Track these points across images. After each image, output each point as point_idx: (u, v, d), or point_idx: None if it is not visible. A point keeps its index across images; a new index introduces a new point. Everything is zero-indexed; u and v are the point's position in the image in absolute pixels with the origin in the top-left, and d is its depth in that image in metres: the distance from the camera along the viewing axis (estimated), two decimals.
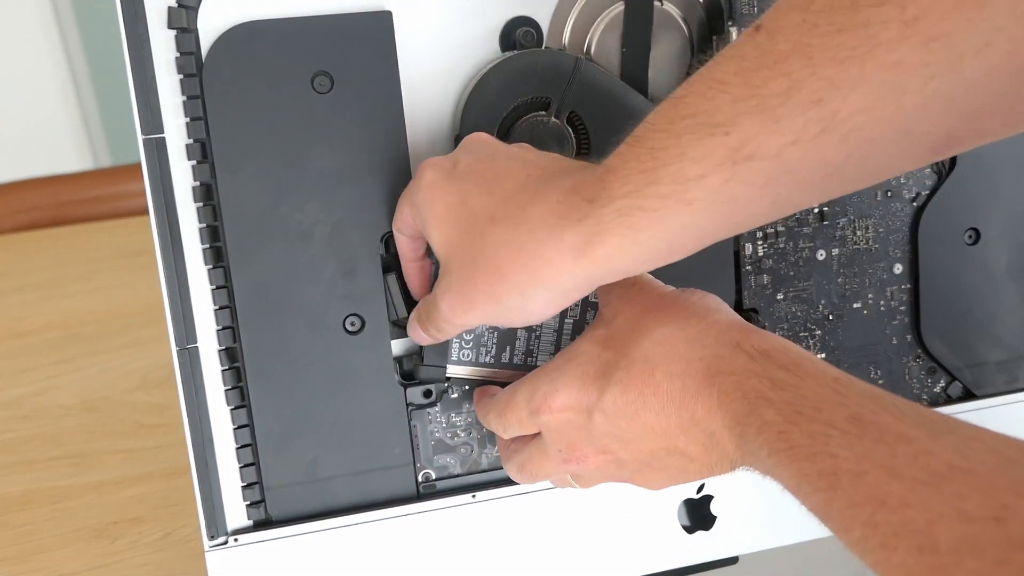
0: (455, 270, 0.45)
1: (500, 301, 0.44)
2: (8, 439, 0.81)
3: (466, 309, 0.45)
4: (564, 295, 0.44)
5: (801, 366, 0.39)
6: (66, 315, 0.99)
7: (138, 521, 0.71)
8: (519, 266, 0.43)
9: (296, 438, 0.52)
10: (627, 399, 0.44)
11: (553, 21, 0.53)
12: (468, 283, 0.45)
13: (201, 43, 0.49)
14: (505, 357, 0.51)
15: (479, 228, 0.44)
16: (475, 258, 0.44)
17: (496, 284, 0.44)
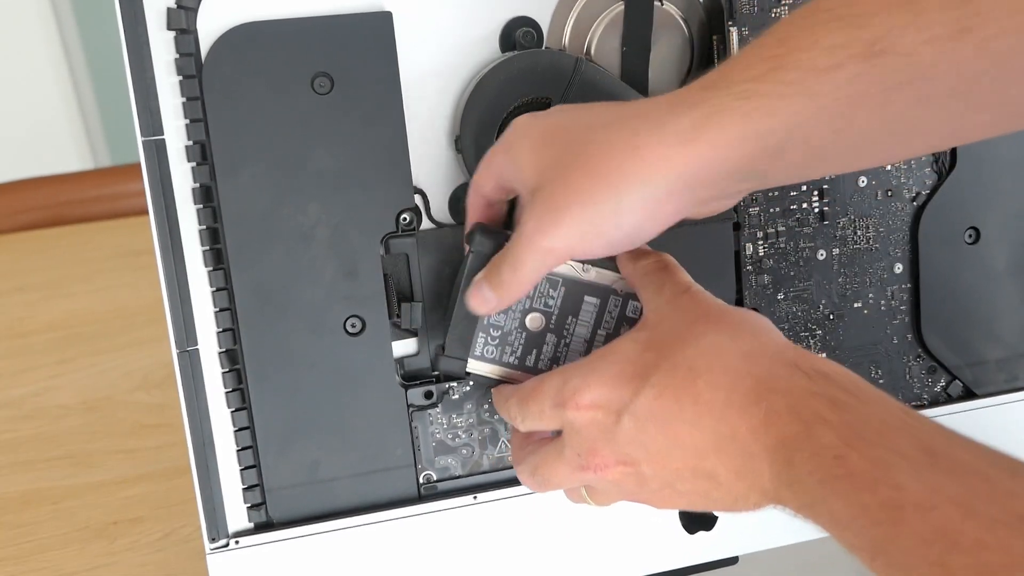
0: (545, 185, 0.42)
1: (592, 204, 0.41)
2: (8, 439, 0.81)
3: (554, 223, 0.42)
4: (663, 198, 0.40)
5: (864, 390, 0.36)
6: (66, 315, 0.99)
7: (138, 521, 0.71)
8: (615, 164, 0.40)
9: (297, 440, 0.52)
10: (662, 404, 0.40)
11: (553, 21, 0.53)
12: (558, 191, 0.42)
13: (200, 44, 0.49)
14: (530, 360, 0.48)
15: (577, 139, 0.42)
16: (567, 166, 0.42)
17: (589, 186, 0.41)
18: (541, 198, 0.42)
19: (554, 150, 0.43)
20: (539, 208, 0.42)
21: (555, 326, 0.48)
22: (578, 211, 0.41)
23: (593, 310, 0.48)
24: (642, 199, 0.40)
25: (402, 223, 0.52)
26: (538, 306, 0.48)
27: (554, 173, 0.42)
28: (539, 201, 0.42)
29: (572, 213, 0.41)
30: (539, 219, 0.42)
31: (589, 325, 0.48)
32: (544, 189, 0.42)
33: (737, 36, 0.53)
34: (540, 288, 0.47)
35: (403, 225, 0.52)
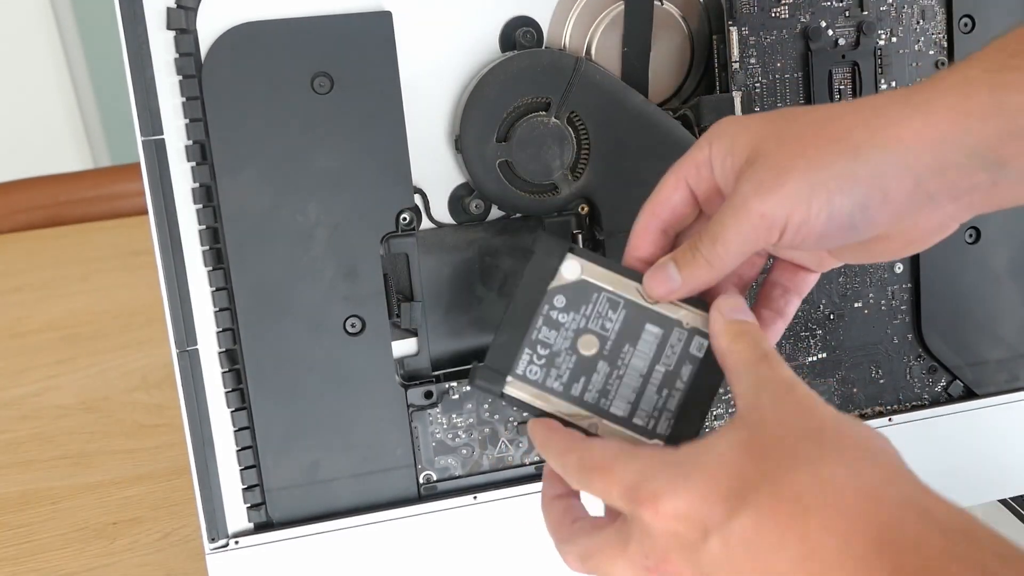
0: (765, 153, 0.39)
1: (822, 166, 0.37)
2: (8, 439, 0.81)
3: (775, 184, 0.38)
4: (899, 173, 0.37)
5: (1015, 558, 0.31)
6: (66, 315, 0.99)
7: (138, 521, 0.71)
8: (846, 127, 0.37)
9: (297, 440, 0.52)
10: (760, 534, 0.34)
11: (553, 21, 0.53)
12: (783, 153, 0.38)
13: (200, 44, 0.49)
14: (576, 389, 0.43)
15: (799, 115, 0.39)
16: (793, 133, 0.38)
17: (818, 149, 0.37)
18: (761, 163, 0.38)
19: (774, 126, 0.39)
20: (758, 171, 0.38)
21: (609, 353, 0.43)
22: (804, 172, 0.37)
23: (654, 341, 0.43)
24: (877, 169, 0.37)
25: (402, 223, 0.52)
26: (594, 327, 0.43)
27: (776, 141, 0.39)
28: (758, 165, 0.38)
29: (798, 173, 0.37)
30: (758, 181, 0.38)
31: (647, 358, 0.43)
32: (763, 156, 0.38)
33: (737, 36, 0.53)
34: (598, 307, 0.43)
35: (403, 225, 0.52)
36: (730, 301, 0.41)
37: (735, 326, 0.40)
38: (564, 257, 0.43)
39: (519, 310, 0.43)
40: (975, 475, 0.59)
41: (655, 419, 0.42)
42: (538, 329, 0.43)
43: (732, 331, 0.40)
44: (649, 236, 0.43)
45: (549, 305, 0.43)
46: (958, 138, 0.36)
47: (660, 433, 0.42)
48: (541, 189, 0.53)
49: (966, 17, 0.55)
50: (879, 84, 0.55)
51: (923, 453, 0.58)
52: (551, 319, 0.43)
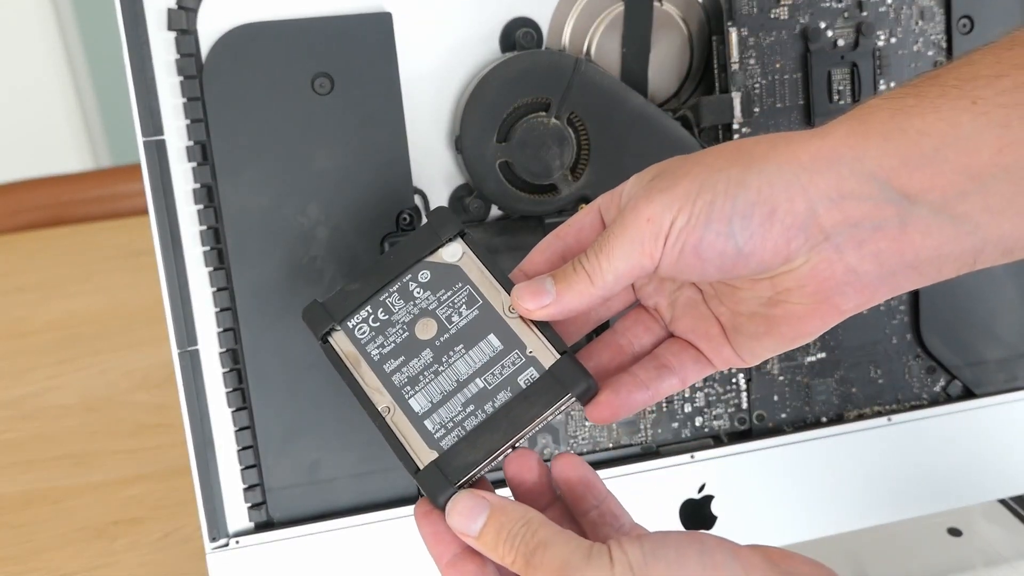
0: (670, 165, 0.38)
1: (718, 169, 0.36)
2: (8, 439, 0.81)
3: (666, 187, 0.36)
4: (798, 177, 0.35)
5: None
6: (66, 315, 0.99)
7: (138, 521, 0.71)
8: (759, 143, 0.36)
9: (297, 440, 0.52)
10: None
11: (553, 22, 0.53)
12: (685, 164, 0.37)
13: (201, 45, 0.49)
14: (390, 366, 0.41)
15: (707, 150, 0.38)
16: (704, 153, 0.38)
17: (725, 155, 0.37)
18: (661, 175, 0.37)
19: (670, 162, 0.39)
20: (655, 181, 0.37)
21: (440, 346, 0.40)
22: (697, 176, 0.36)
23: (489, 353, 0.40)
24: (768, 180, 0.35)
25: (402, 223, 0.52)
26: (441, 314, 0.40)
27: (681, 161, 0.38)
28: (657, 177, 0.37)
29: (691, 176, 0.36)
30: (651, 187, 0.37)
31: (473, 366, 0.40)
32: (665, 170, 0.38)
33: (737, 36, 0.53)
34: (456, 297, 0.40)
35: (403, 225, 0.52)
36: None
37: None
38: (454, 238, 0.41)
39: (383, 267, 0.41)
40: (974, 475, 0.59)
41: (445, 430, 0.39)
42: (390, 293, 0.41)
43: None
44: (546, 255, 0.41)
45: (412, 275, 0.41)
46: (855, 160, 0.35)
47: (441, 447, 0.39)
48: (541, 189, 0.53)
49: (965, 18, 0.56)
50: (878, 85, 0.55)
51: (922, 453, 0.58)
52: (407, 289, 0.41)
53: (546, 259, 0.41)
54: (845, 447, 0.57)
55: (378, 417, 0.40)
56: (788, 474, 0.57)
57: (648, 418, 0.57)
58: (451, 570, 0.38)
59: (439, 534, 0.39)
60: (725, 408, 0.57)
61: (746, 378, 0.57)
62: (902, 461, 0.58)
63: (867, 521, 0.59)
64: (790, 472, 0.57)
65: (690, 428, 0.57)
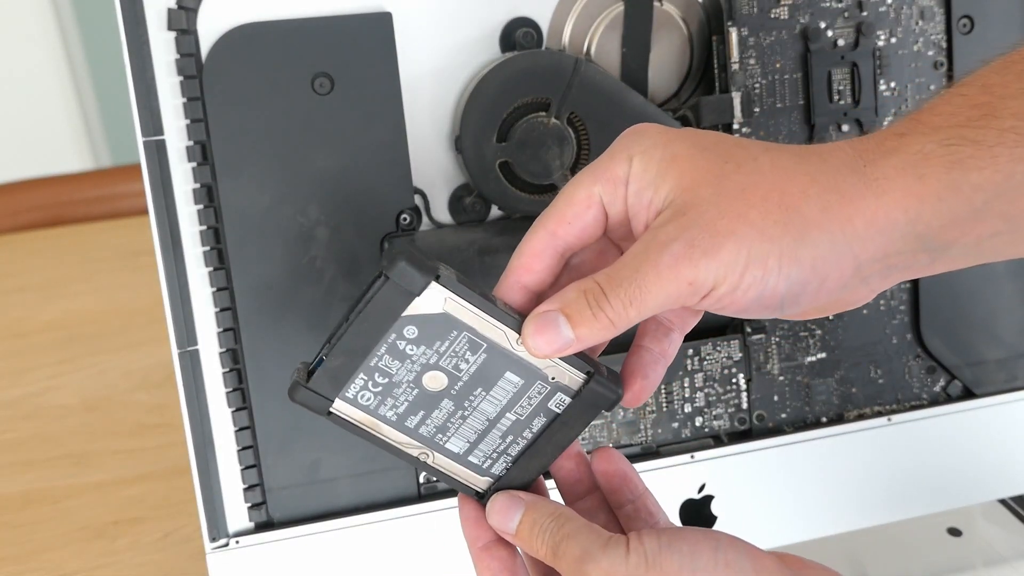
0: (700, 202, 0.34)
1: (767, 238, 0.33)
2: (8, 439, 0.81)
3: (712, 249, 0.33)
4: (851, 246, 0.34)
5: None
6: (66, 315, 0.99)
7: (138, 521, 0.71)
8: (811, 196, 0.33)
9: (297, 440, 0.52)
10: None
11: (553, 22, 0.53)
12: (723, 211, 0.33)
13: (201, 45, 0.49)
14: (412, 422, 0.38)
15: (746, 154, 0.35)
16: (743, 184, 0.34)
17: (764, 214, 0.33)
18: (694, 216, 0.34)
19: (710, 165, 0.35)
20: (691, 228, 0.33)
21: (458, 394, 0.38)
22: (744, 240, 0.33)
23: (511, 390, 0.38)
24: (822, 254, 0.34)
25: (402, 223, 0.52)
26: (446, 366, 0.37)
27: (713, 190, 0.34)
28: (691, 219, 0.34)
29: (737, 240, 0.33)
30: (690, 241, 0.33)
31: (499, 404, 0.38)
32: (697, 207, 0.34)
33: (737, 36, 0.53)
34: (456, 346, 0.37)
35: (403, 225, 0.52)
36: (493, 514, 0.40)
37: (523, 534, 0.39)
38: (426, 287, 0.35)
39: (361, 333, 0.36)
40: (974, 475, 0.59)
41: (492, 460, 0.40)
42: (379, 357, 0.36)
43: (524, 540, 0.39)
44: (544, 261, 0.37)
45: (397, 335, 0.36)
46: (908, 227, 0.34)
47: (494, 472, 0.40)
48: (541, 189, 0.53)
49: (965, 18, 0.56)
50: (878, 84, 0.55)
51: (922, 453, 0.58)
52: (397, 349, 0.36)
53: (546, 266, 0.38)
54: (845, 447, 0.57)
55: (420, 463, 0.40)
56: (788, 474, 0.57)
57: (648, 418, 0.57)
58: (484, 554, 0.40)
59: (479, 520, 0.40)
60: (725, 408, 0.57)
61: (746, 378, 0.57)
62: (902, 461, 0.58)
63: (867, 521, 0.59)
64: (790, 472, 0.57)
65: (690, 428, 0.57)
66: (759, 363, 0.57)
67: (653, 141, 0.36)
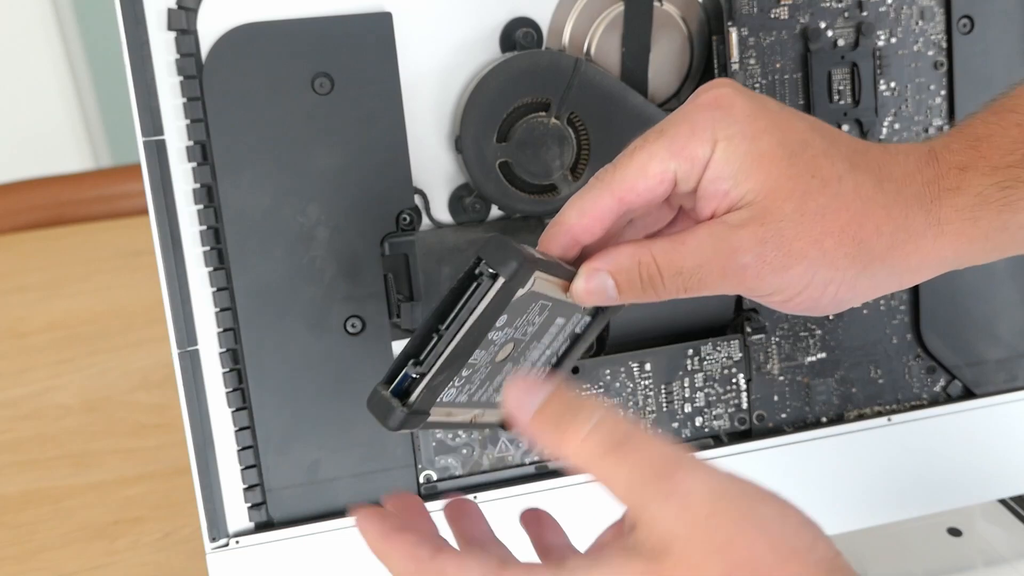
0: (785, 217, 0.34)
1: (835, 268, 0.35)
2: (8, 439, 0.81)
3: (782, 268, 0.35)
4: (901, 278, 0.36)
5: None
6: (66, 315, 0.99)
7: (139, 521, 0.71)
8: (884, 233, 0.35)
9: (297, 440, 0.52)
10: None
11: (553, 22, 0.53)
12: (800, 228, 0.34)
13: (201, 45, 0.49)
14: (477, 395, 0.38)
15: (832, 171, 0.35)
16: (824, 208, 0.35)
17: (845, 242, 0.35)
18: (772, 231, 0.34)
19: (792, 173, 0.35)
20: (767, 244, 0.34)
21: (518, 355, 0.38)
22: (813, 264, 0.35)
23: (556, 332, 0.39)
24: (876, 283, 0.36)
25: (402, 223, 0.52)
26: (518, 335, 0.37)
27: (796, 207, 0.35)
28: (767, 232, 0.34)
29: (808, 263, 0.35)
30: (762, 256, 0.34)
31: (544, 347, 0.39)
32: (778, 221, 0.34)
33: (737, 36, 0.53)
34: (531, 315, 0.37)
35: (403, 225, 0.52)
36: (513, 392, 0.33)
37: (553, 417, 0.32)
38: (531, 277, 0.35)
39: (466, 341, 0.35)
40: (974, 475, 0.59)
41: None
42: (474, 356, 0.36)
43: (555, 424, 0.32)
44: (604, 224, 0.36)
45: (493, 330, 0.35)
46: (954, 262, 0.36)
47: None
48: (541, 189, 0.53)
49: (965, 18, 0.56)
50: (878, 84, 0.55)
51: (922, 453, 0.58)
52: (489, 341, 0.36)
53: (604, 228, 0.36)
54: (845, 447, 0.57)
55: (469, 425, 0.39)
56: (788, 474, 0.57)
57: (648, 418, 0.57)
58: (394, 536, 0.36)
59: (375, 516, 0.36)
60: (725, 408, 0.57)
61: (746, 378, 0.57)
62: (902, 461, 0.58)
63: (867, 521, 0.59)
64: (790, 472, 0.57)
65: (690, 428, 0.57)
66: (759, 363, 0.57)
67: (740, 129, 0.35)
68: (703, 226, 0.35)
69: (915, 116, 0.56)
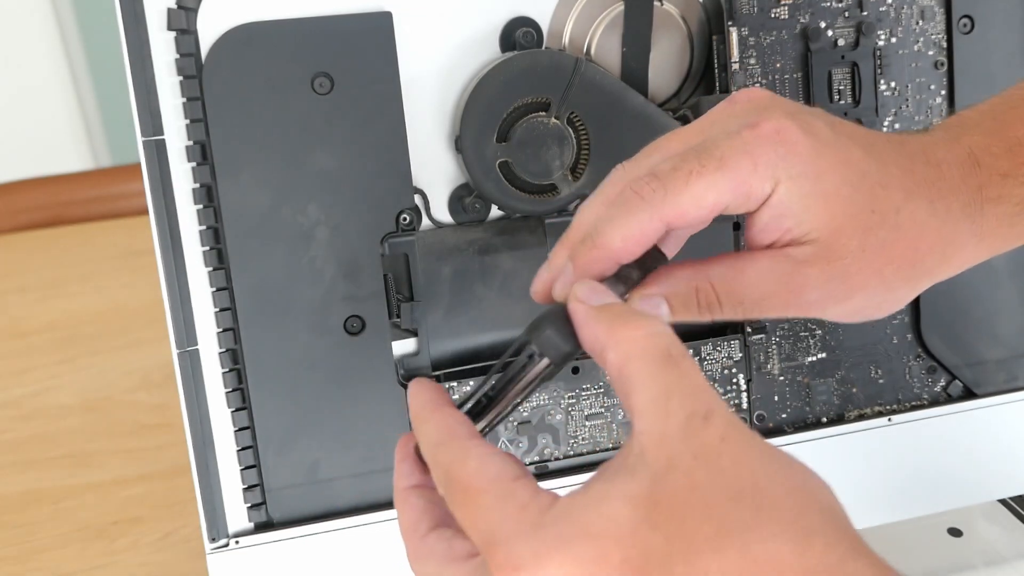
0: (849, 253, 0.35)
1: (891, 290, 0.37)
2: (8, 439, 0.81)
3: (845, 296, 0.36)
4: (938, 280, 0.38)
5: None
6: (66, 315, 0.99)
7: (138, 521, 0.71)
8: (936, 251, 0.36)
9: (297, 440, 0.52)
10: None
11: (553, 21, 0.53)
12: (862, 262, 0.36)
13: (201, 45, 0.49)
14: None
15: (889, 203, 0.36)
16: (884, 241, 0.36)
17: (893, 273, 0.36)
18: (839, 268, 0.35)
19: (857, 208, 0.35)
20: (833, 282, 0.36)
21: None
22: (872, 292, 0.36)
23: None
24: (920, 287, 0.38)
25: (402, 223, 0.52)
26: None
27: (858, 243, 0.35)
28: (835, 272, 0.35)
29: (868, 292, 0.36)
30: (827, 291, 0.36)
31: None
32: (843, 258, 0.35)
33: (737, 36, 0.53)
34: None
35: (403, 225, 0.52)
36: (587, 285, 0.33)
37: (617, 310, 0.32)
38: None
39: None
40: (975, 475, 0.59)
41: None
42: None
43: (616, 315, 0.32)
44: (646, 245, 0.35)
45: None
46: (986, 259, 0.38)
47: None
48: (541, 189, 0.53)
49: (965, 18, 0.56)
50: (878, 84, 0.55)
51: (922, 453, 0.58)
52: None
53: (645, 249, 0.35)
54: (845, 447, 0.57)
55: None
56: None
57: None
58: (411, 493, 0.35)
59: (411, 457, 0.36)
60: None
61: (746, 378, 0.57)
62: (902, 461, 0.58)
63: (867, 521, 0.59)
64: None
65: None
66: (759, 363, 0.57)
67: (803, 171, 0.35)
68: (764, 257, 0.36)
69: (915, 116, 0.56)
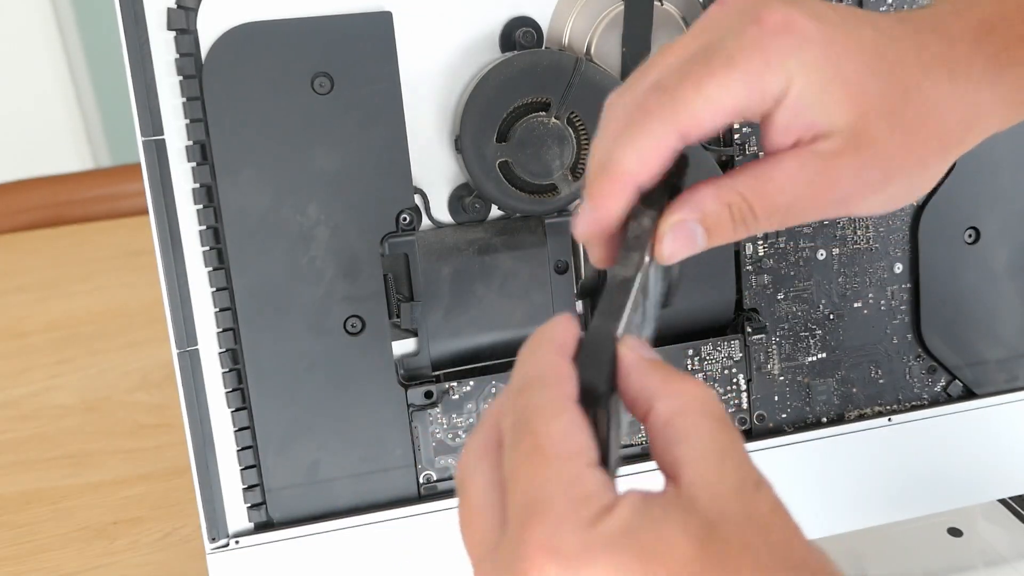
0: (880, 136, 0.34)
1: (926, 165, 0.36)
2: (8, 439, 0.81)
3: (883, 183, 0.35)
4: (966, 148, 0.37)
5: None
6: (66, 315, 0.99)
7: (138, 521, 0.71)
8: (963, 121, 0.36)
9: (297, 440, 0.52)
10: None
11: (553, 21, 0.53)
12: (894, 143, 0.34)
13: (201, 44, 0.49)
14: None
15: (911, 79, 0.35)
16: (912, 118, 0.35)
17: (932, 143, 0.35)
18: (872, 155, 0.34)
19: (881, 89, 0.34)
20: (868, 169, 0.34)
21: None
22: (909, 174, 0.35)
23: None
24: (945, 169, 0.37)
25: (402, 223, 0.52)
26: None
27: (887, 124, 0.34)
28: (869, 159, 0.34)
29: (904, 174, 0.35)
30: (864, 180, 0.34)
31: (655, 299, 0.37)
32: (875, 143, 0.34)
33: None
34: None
35: (403, 225, 0.52)
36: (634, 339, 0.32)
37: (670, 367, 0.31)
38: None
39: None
40: (975, 475, 0.59)
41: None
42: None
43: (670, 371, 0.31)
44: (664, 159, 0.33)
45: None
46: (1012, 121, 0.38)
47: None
48: (541, 189, 0.53)
49: None
50: None
51: (922, 453, 0.58)
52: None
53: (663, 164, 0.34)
54: (845, 447, 0.57)
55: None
56: (788, 474, 0.57)
57: None
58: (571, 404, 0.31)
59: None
60: (725, 408, 0.57)
61: (746, 378, 0.57)
62: (902, 461, 0.58)
63: (867, 521, 0.59)
64: (790, 472, 0.57)
65: None
66: (759, 363, 0.57)
67: (818, 60, 0.33)
68: (790, 157, 0.34)
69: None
